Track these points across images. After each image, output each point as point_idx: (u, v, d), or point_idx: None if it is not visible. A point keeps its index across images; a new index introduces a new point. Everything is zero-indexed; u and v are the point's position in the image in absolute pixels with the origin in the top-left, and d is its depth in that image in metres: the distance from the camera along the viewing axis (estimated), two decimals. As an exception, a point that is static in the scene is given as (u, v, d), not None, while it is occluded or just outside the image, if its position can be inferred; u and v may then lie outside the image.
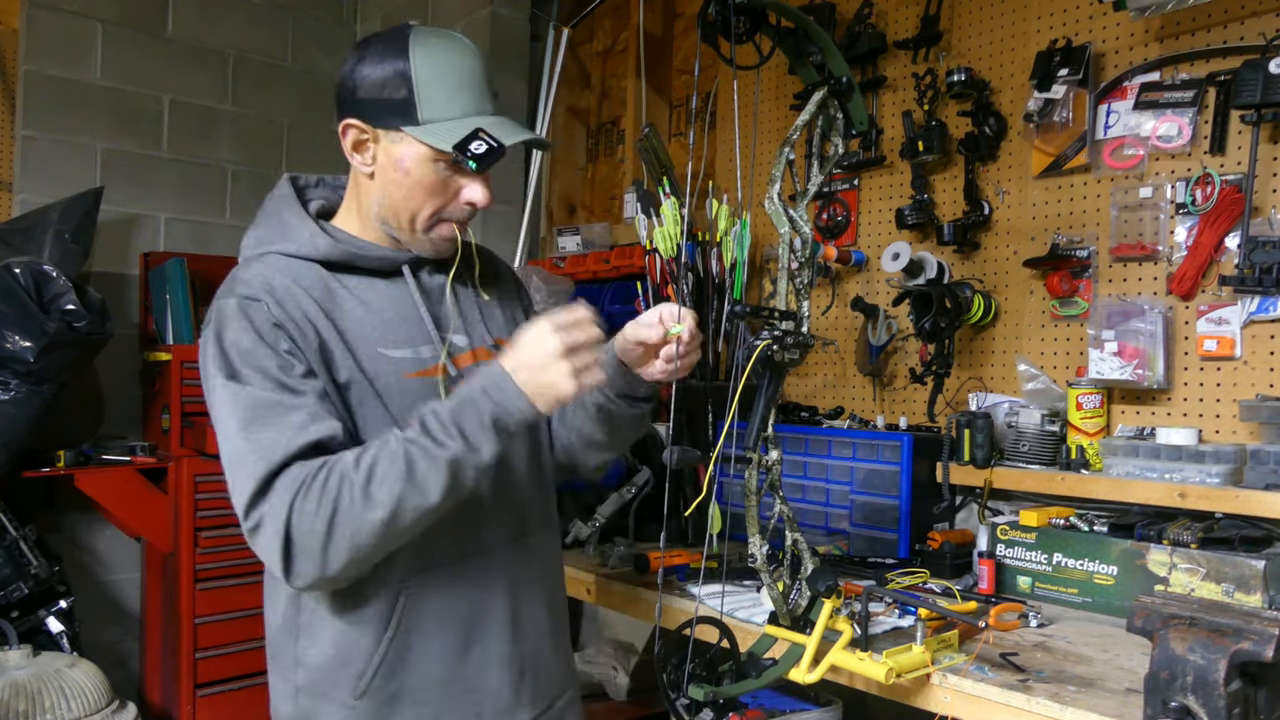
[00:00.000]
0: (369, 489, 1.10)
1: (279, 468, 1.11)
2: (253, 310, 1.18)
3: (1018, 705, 1.29)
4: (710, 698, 1.41)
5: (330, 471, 1.11)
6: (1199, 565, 1.61)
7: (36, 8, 3.20)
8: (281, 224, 1.29)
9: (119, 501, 2.97)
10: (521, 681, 1.34)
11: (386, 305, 1.28)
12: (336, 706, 1.26)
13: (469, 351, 1.33)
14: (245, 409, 1.14)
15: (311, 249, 1.26)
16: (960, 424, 2.03)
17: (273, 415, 1.13)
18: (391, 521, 1.11)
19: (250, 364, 1.15)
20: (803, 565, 1.45)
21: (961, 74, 2.14)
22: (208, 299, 3.68)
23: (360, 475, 1.10)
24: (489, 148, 1.20)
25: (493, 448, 1.13)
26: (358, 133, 1.26)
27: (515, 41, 3.33)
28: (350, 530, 1.10)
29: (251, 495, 1.11)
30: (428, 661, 1.27)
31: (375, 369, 1.24)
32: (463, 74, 1.23)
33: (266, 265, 1.24)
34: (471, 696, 1.30)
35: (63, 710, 2.34)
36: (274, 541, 1.10)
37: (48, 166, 3.22)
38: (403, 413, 1.22)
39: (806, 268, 1.45)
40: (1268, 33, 1.78)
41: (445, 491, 1.12)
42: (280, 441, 1.11)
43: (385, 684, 1.25)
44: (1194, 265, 1.85)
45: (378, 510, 1.10)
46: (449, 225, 1.29)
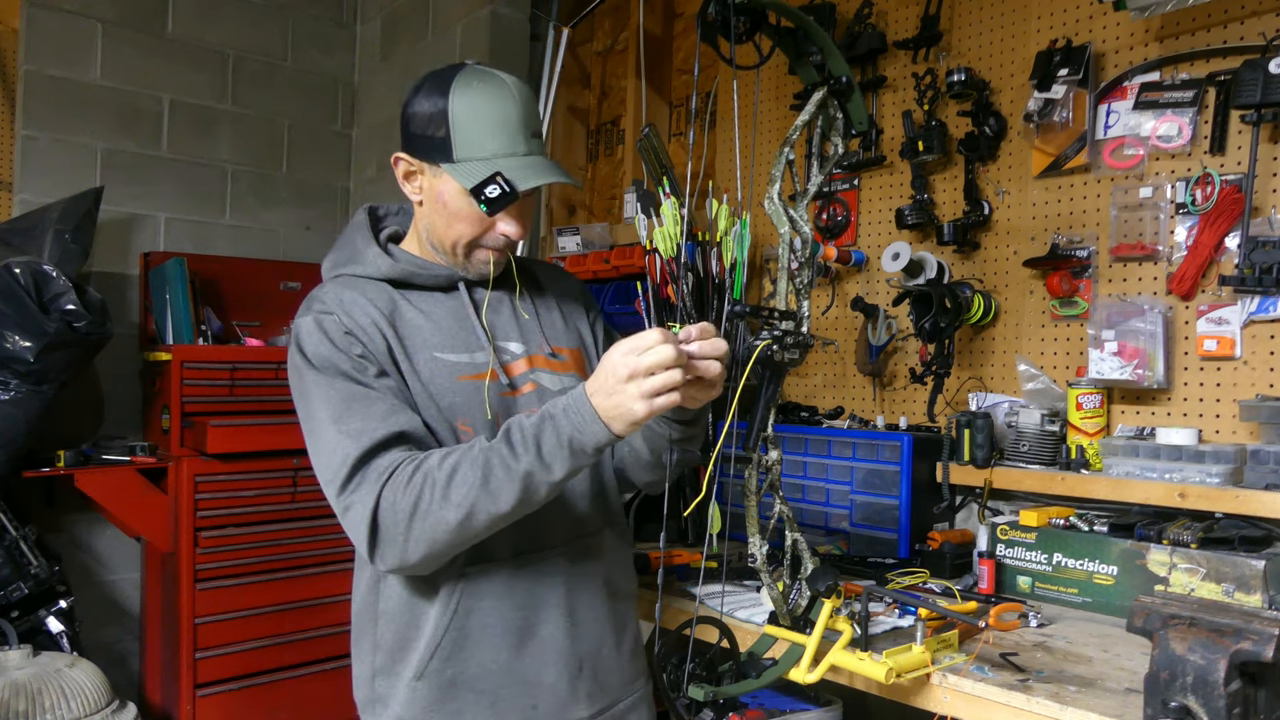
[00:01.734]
0: (449, 489, 1.18)
1: (369, 453, 1.22)
2: (326, 322, 1.31)
3: (1018, 705, 1.29)
4: (710, 698, 1.41)
5: (418, 468, 1.21)
6: (1199, 565, 1.61)
7: (36, 8, 3.20)
8: (353, 249, 1.43)
9: (119, 501, 2.98)
10: (579, 678, 1.39)
11: (444, 315, 1.40)
12: (402, 687, 1.34)
13: (524, 358, 1.44)
14: (335, 405, 1.25)
15: (375, 269, 1.39)
16: (960, 424, 2.03)
17: (359, 407, 1.25)
18: (465, 522, 1.19)
19: (331, 368, 1.28)
20: (803, 565, 1.45)
21: (961, 74, 2.14)
22: (208, 299, 3.71)
23: (442, 475, 1.19)
24: (501, 192, 1.29)
25: (566, 467, 1.19)
26: (407, 165, 1.38)
27: (515, 41, 3.33)
28: (429, 525, 1.19)
29: (345, 479, 1.22)
30: (484, 650, 1.34)
31: (431, 370, 1.35)
32: (496, 116, 1.32)
33: (338, 284, 1.38)
34: (527, 689, 1.36)
35: (63, 710, 2.34)
36: (362, 525, 1.20)
37: (48, 166, 3.22)
38: (453, 410, 1.33)
39: (806, 268, 1.45)
40: (1268, 33, 1.78)
41: (517, 502, 1.19)
42: (368, 429, 1.23)
43: (443, 668, 1.33)
44: (1194, 265, 1.85)
45: (453, 511, 1.18)
46: (485, 252, 1.40)
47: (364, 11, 3.98)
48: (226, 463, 3.04)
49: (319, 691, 3.20)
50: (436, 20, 3.55)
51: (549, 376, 1.44)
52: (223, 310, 3.41)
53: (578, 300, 1.60)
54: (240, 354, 3.20)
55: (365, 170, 3.91)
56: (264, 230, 3.75)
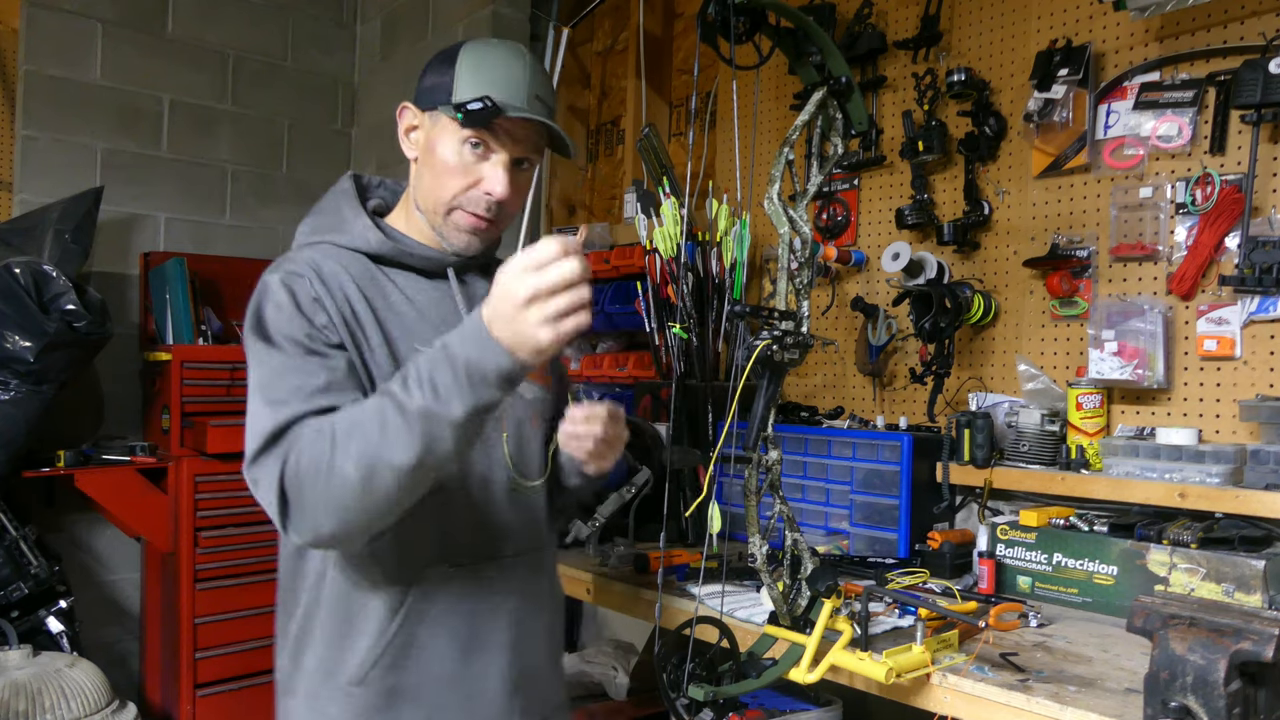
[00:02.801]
0: (348, 443, 1.05)
1: (285, 426, 1.10)
2: (295, 284, 1.20)
3: (1018, 705, 1.29)
4: (710, 698, 1.41)
5: (321, 428, 1.08)
6: (1199, 565, 1.61)
7: (36, 8, 3.20)
8: (338, 216, 1.33)
9: (119, 501, 2.98)
10: (516, 694, 1.35)
11: (428, 304, 1.32)
12: (336, 690, 1.28)
13: None
14: (269, 373, 1.15)
15: (363, 242, 1.30)
16: (960, 424, 2.03)
17: (294, 377, 1.14)
18: (369, 480, 1.05)
19: (283, 332, 1.17)
20: (803, 565, 1.45)
21: (961, 74, 2.14)
22: (208, 299, 3.71)
23: (342, 430, 1.07)
24: (482, 107, 1.22)
25: (467, 402, 1.03)
26: (411, 115, 1.33)
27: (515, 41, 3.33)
28: (334, 486, 1.05)
29: (254, 451, 1.11)
30: (429, 661, 1.28)
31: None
32: (501, 69, 1.28)
33: (317, 251, 1.27)
34: (468, 703, 1.31)
35: (63, 710, 2.34)
36: (269, 495, 1.09)
37: (48, 166, 3.23)
38: None
39: (806, 268, 1.45)
40: (1268, 33, 1.78)
41: (421, 450, 1.04)
42: (292, 402, 1.12)
43: (385, 675, 1.26)
44: (1194, 265, 1.85)
45: (353, 466, 1.04)
46: (465, 215, 1.30)
47: (364, 11, 3.98)
48: (226, 463, 3.04)
49: (319, 691, 3.19)
50: (436, 20, 3.55)
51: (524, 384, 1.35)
52: (223, 310, 3.41)
53: None
54: (240, 354, 3.19)
55: (365, 170, 3.90)
56: (264, 230, 3.76)
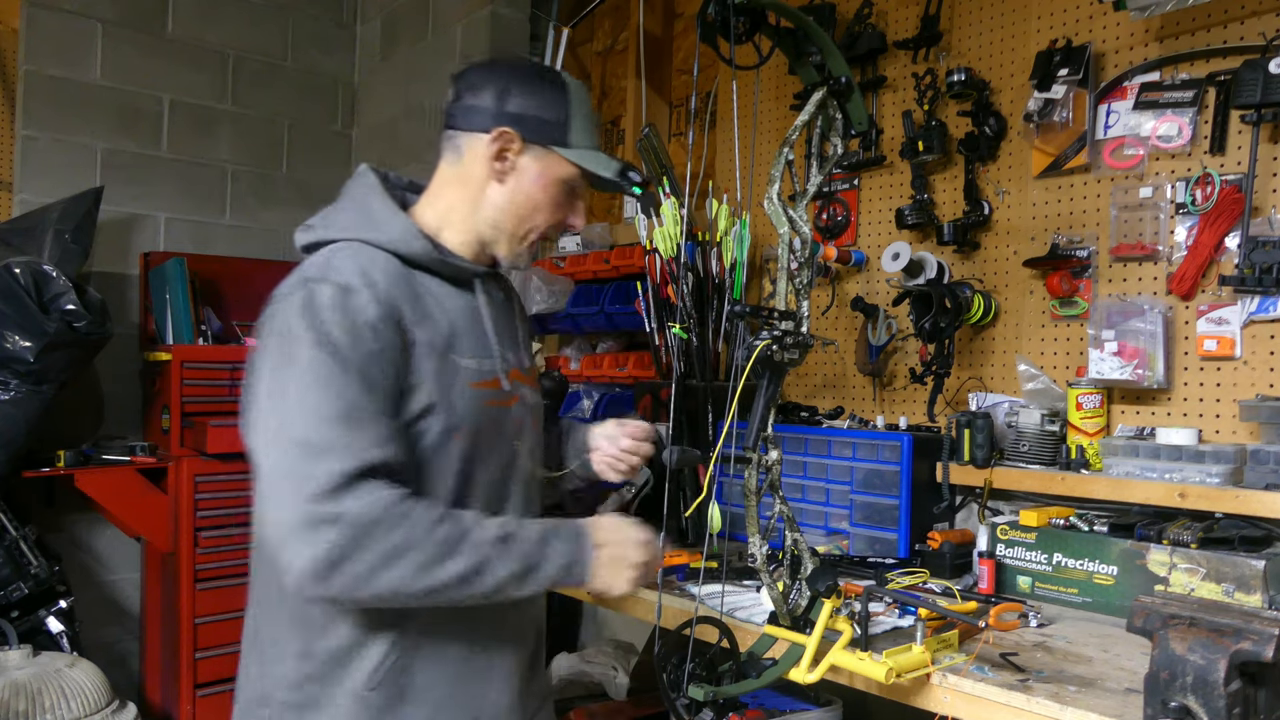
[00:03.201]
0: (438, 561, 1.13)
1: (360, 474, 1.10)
2: (349, 302, 1.16)
3: (1018, 705, 1.29)
4: (710, 698, 1.41)
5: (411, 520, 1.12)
6: (1199, 565, 1.61)
7: (36, 8, 3.20)
8: (368, 212, 1.29)
9: (119, 501, 2.98)
10: (519, 690, 1.37)
11: (458, 314, 1.30)
12: (346, 695, 1.25)
13: (515, 369, 1.38)
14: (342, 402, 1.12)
15: (404, 246, 1.26)
16: (960, 424, 2.03)
17: (363, 417, 1.13)
18: (434, 594, 1.14)
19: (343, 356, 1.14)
20: (803, 565, 1.45)
21: (961, 74, 2.14)
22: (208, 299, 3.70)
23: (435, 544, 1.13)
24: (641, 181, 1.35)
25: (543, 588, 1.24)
26: (508, 140, 1.30)
27: (515, 41, 3.34)
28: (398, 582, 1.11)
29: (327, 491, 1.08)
30: (440, 661, 1.29)
31: (449, 375, 1.26)
32: (591, 114, 1.37)
33: (352, 254, 1.23)
34: (475, 701, 1.32)
35: (63, 710, 2.34)
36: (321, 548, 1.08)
37: (48, 166, 3.23)
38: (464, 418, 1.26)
39: (806, 268, 1.45)
40: (1268, 33, 1.78)
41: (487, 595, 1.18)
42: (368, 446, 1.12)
43: (398, 677, 1.26)
44: (1194, 265, 1.85)
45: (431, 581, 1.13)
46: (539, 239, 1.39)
47: (364, 11, 3.98)
48: (226, 463, 3.04)
49: (319, 691, 3.19)
50: (436, 20, 3.55)
51: (527, 390, 1.40)
52: (223, 310, 3.41)
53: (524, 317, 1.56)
54: (240, 354, 3.20)
55: (365, 170, 3.91)
56: (264, 230, 3.76)
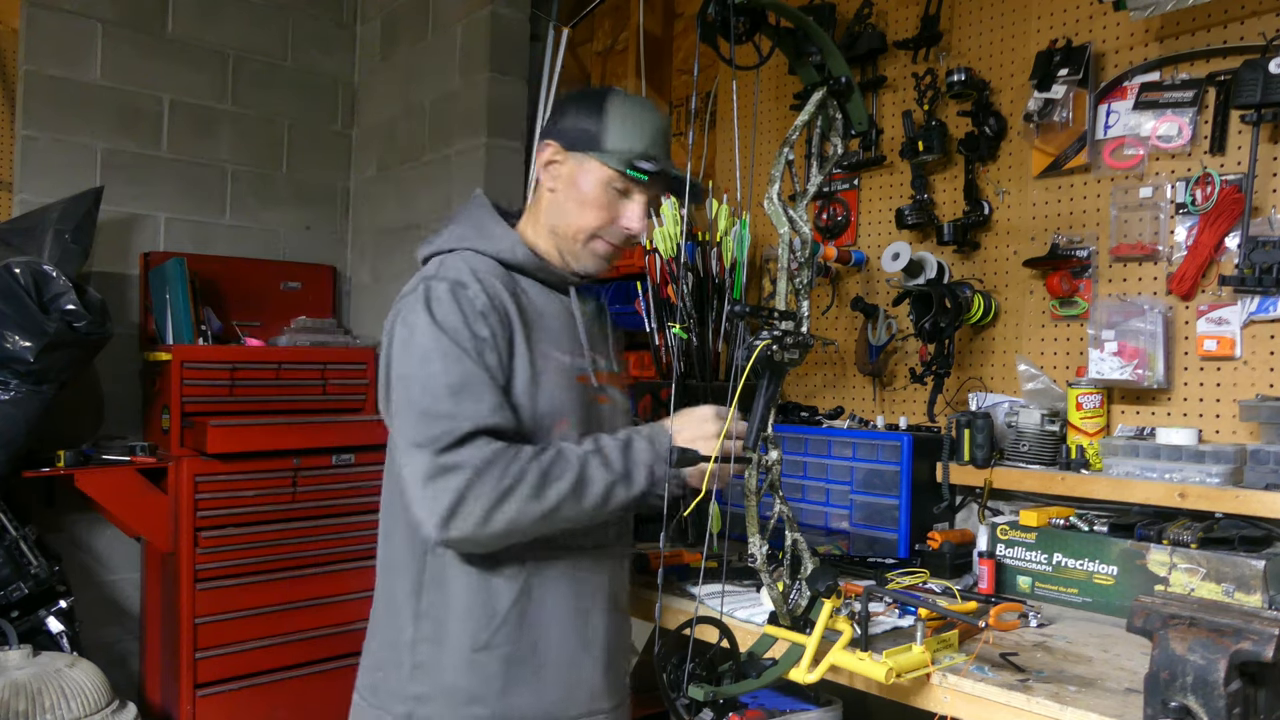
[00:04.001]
0: (543, 484, 1.29)
1: (477, 433, 1.29)
2: (462, 295, 1.35)
3: (1018, 705, 1.29)
4: (710, 698, 1.41)
5: (517, 457, 1.29)
6: (1199, 565, 1.61)
7: (36, 8, 3.20)
8: (481, 227, 1.48)
9: (119, 501, 2.98)
10: (609, 671, 1.49)
11: (554, 315, 1.48)
12: (455, 656, 1.38)
13: (605, 372, 1.53)
14: (456, 376, 1.31)
15: (509, 253, 1.45)
16: (960, 424, 2.03)
17: (475, 388, 1.31)
18: (549, 516, 1.31)
19: (460, 338, 1.32)
20: (803, 565, 1.45)
21: (961, 74, 2.14)
22: (208, 299, 3.70)
23: (539, 469, 1.30)
24: (656, 169, 1.40)
25: (643, 485, 1.36)
26: (553, 151, 1.46)
27: (515, 41, 3.33)
28: (515, 511, 1.28)
29: (447, 446, 1.27)
30: (541, 633, 1.40)
31: (544, 364, 1.41)
32: (644, 123, 1.44)
33: (466, 259, 1.42)
34: (569, 674, 1.43)
35: (63, 710, 2.34)
36: (446, 494, 1.26)
37: (48, 166, 3.22)
38: (556, 407, 1.40)
39: (806, 268, 1.45)
40: (1268, 33, 1.78)
41: (596, 507, 1.34)
42: (482, 411, 1.30)
43: (503, 643, 1.38)
44: (1194, 265, 1.85)
45: (544, 503, 1.29)
46: (603, 243, 1.48)
47: (364, 11, 3.97)
48: (226, 463, 3.04)
49: (319, 691, 3.19)
50: (436, 20, 3.55)
51: (616, 393, 1.55)
52: (223, 310, 3.41)
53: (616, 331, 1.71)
54: (240, 354, 3.20)
55: (365, 170, 3.90)
56: (264, 230, 3.75)
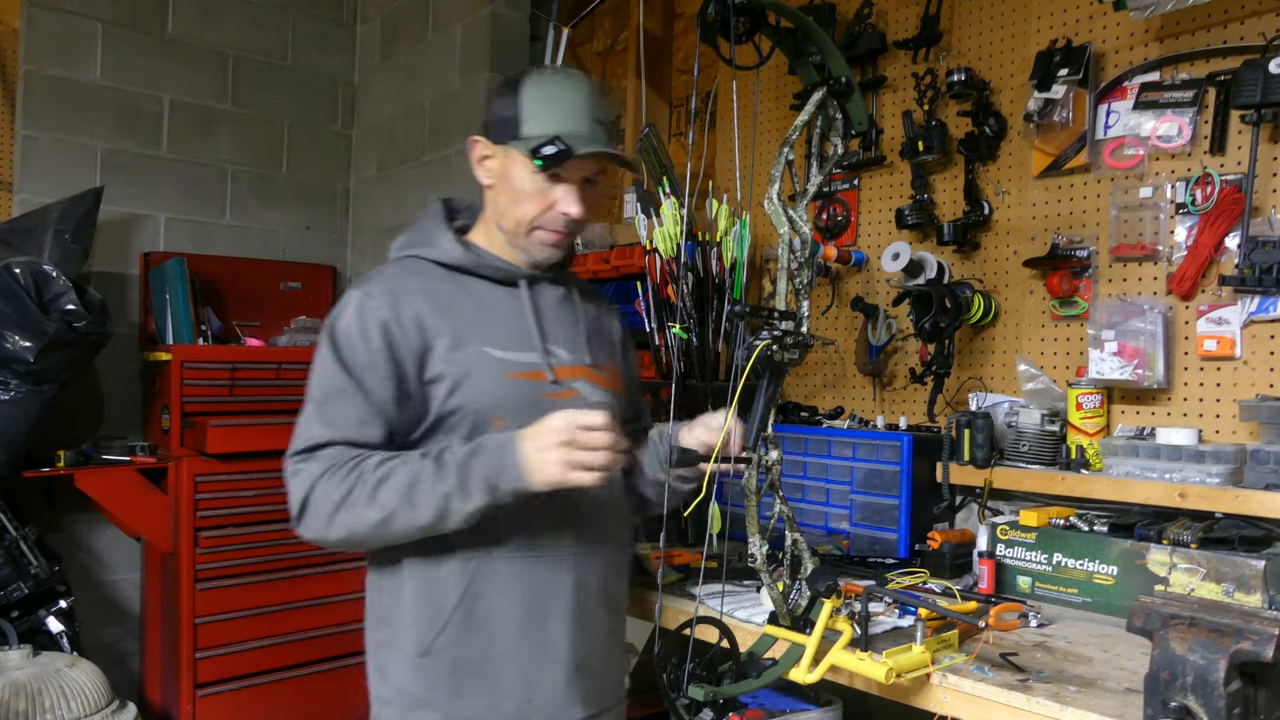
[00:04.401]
0: (376, 492, 1.29)
1: (325, 443, 1.34)
2: (368, 306, 1.37)
3: (1018, 705, 1.29)
4: (710, 698, 1.41)
5: (357, 464, 1.31)
6: (1199, 565, 1.61)
7: (36, 8, 3.20)
8: (427, 233, 1.49)
9: (119, 501, 2.98)
10: (576, 679, 1.42)
11: (500, 311, 1.45)
12: (402, 660, 1.39)
13: (570, 366, 1.47)
14: (326, 388, 1.37)
15: (446, 255, 1.45)
16: (960, 424, 2.03)
17: (340, 401, 1.35)
18: (383, 524, 1.30)
19: (346, 352, 1.36)
20: (803, 565, 1.45)
21: (961, 74, 2.14)
22: (208, 299, 3.71)
23: (374, 478, 1.30)
24: (556, 151, 1.35)
25: (482, 500, 1.29)
26: (482, 148, 1.45)
27: (515, 41, 3.33)
28: (350, 518, 1.30)
29: (299, 452, 1.35)
30: (490, 636, 1.37)
31: (477, 363, 1.39)
32: (564, 101, 1.40)
33: (400, 267, 1.45)
34: (526, 681, 1.39)
35: (63, 710, 2.34)
36: (296, 496, 1.33)
37: (48, 166, 3.22)
38: (493, 405, 1.38)
39: (806, 268, 1.45)
40: (1268, 33, 1.78)
41: (433, 519, 1.29)
42: (339, 424, 1.34)
43: (448, 648, 1.37)
44: (1194, 265, 1.85)
45: (374, 512, 1.29)
46: (546, 233, 1.44)
47: (364, 11, 3.97)
48: (226, 463, 3.04)
49: (319, 691, 3.20)
50: (436, 20, 3.55)
51: (588, 387, 1.48)
52: (223, 310, 3.41)
53: (621, 336, 1.67)
54: (240, 354, 3.20)
55: (365, 170, 3.90)
56: (264, 230, 3.75)
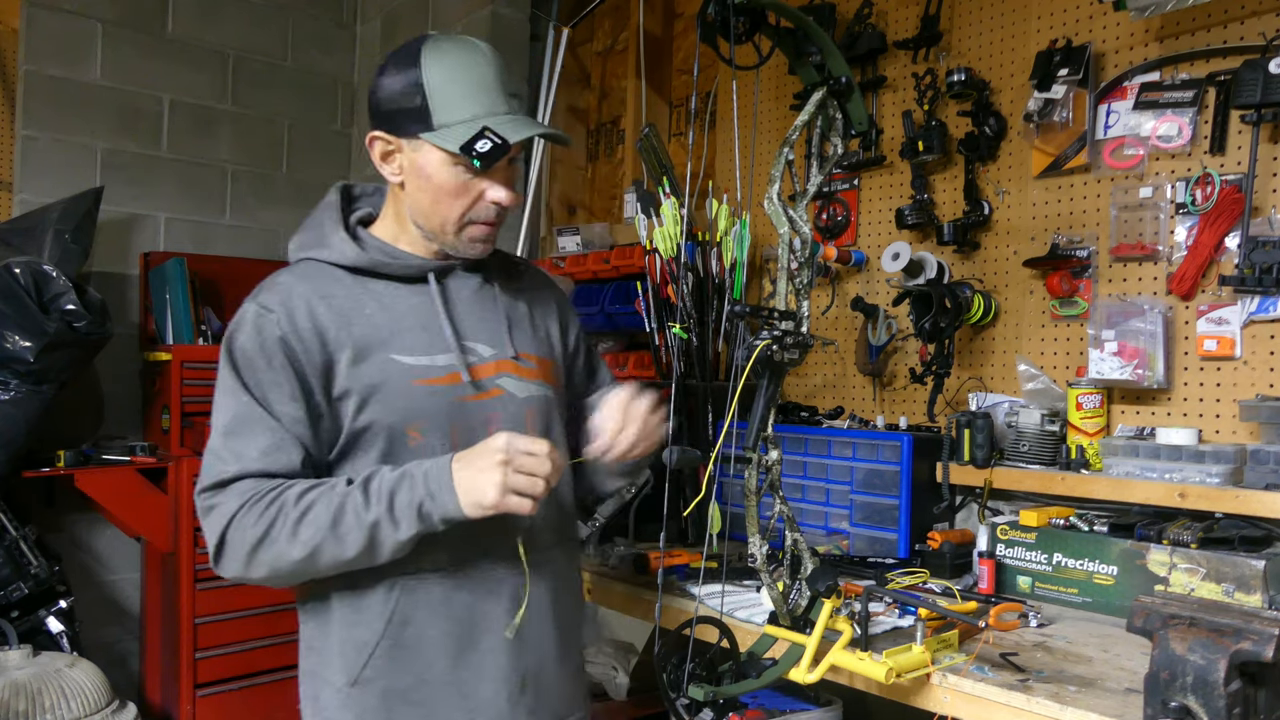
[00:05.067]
0: (298, 527, 1.19)
1: (235, 477, 1.23)
2: (264, 321, 1.26)
3: (1018, 705, 1.29)
4: (710, 698, 1.41)
5: (276, 498, 1.21)
6: (1199, 565, 1.61)
7: (36, 8, 3.19)
8: (320, 231, 1.36)
9: (119, 501, 2.97)
10: (521, 695, 1.34)
11: (407, 312, 1.32)
12: (332, 691, 1.30)
13: (492, 363, 1.36)
14: (230, 416, 1.26)
15: (340, 256, 1.32)
16: (960, 424, 2.03)
17: (247, 430, 1.24)
18: (308, 560, 1.21)
19: (247, 373, 1.26)
20: (803, 565, 1.45)
21: (961, 74, 2.14)
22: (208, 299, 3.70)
23: (296, 512, 1.20)
24: (493, 145, 1.22)
25: (412, 529, 1.20)
26: (384, 144, 1.30)
27: (515, 41, 3.33)
28: (272, 555, 1.21)
29: (208, 487, 1.24)
30: (420, 662, 1.29)
31: (384, 374, 1.28)
32: (474, 77, 1.26)
33: (296, 273, 1.33)
34: (465, 704, 1.31)
35: (63, 710, 2.34)
36: (212, 536, 1.24)
37: (48, 166, 3.22)
38: (406, 415, 1.28)
39: (806, 268, 1.45)
40: (1268, 33, 1.78)
41: (362, 551, 1.20)
42: (249, 455, 1.23)
43: (376, 677, 1.28)
44: (1194, 265, 1.85)
45: (298, 549, 1.20)
46: (479, 227, 1.32)
47: (364, 11, 3.97)
48: (226, 463, 3.04)
49: (319, 691, 3.19)
50: (436, 20, 3.55)
51: (515, 383, 1.37)
52: (223, 310, 3.40)
53: (553, 309, 1.52)
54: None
55: (365, 170, 3.90)
56: (264, 230, 3.75)
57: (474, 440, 1.26)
